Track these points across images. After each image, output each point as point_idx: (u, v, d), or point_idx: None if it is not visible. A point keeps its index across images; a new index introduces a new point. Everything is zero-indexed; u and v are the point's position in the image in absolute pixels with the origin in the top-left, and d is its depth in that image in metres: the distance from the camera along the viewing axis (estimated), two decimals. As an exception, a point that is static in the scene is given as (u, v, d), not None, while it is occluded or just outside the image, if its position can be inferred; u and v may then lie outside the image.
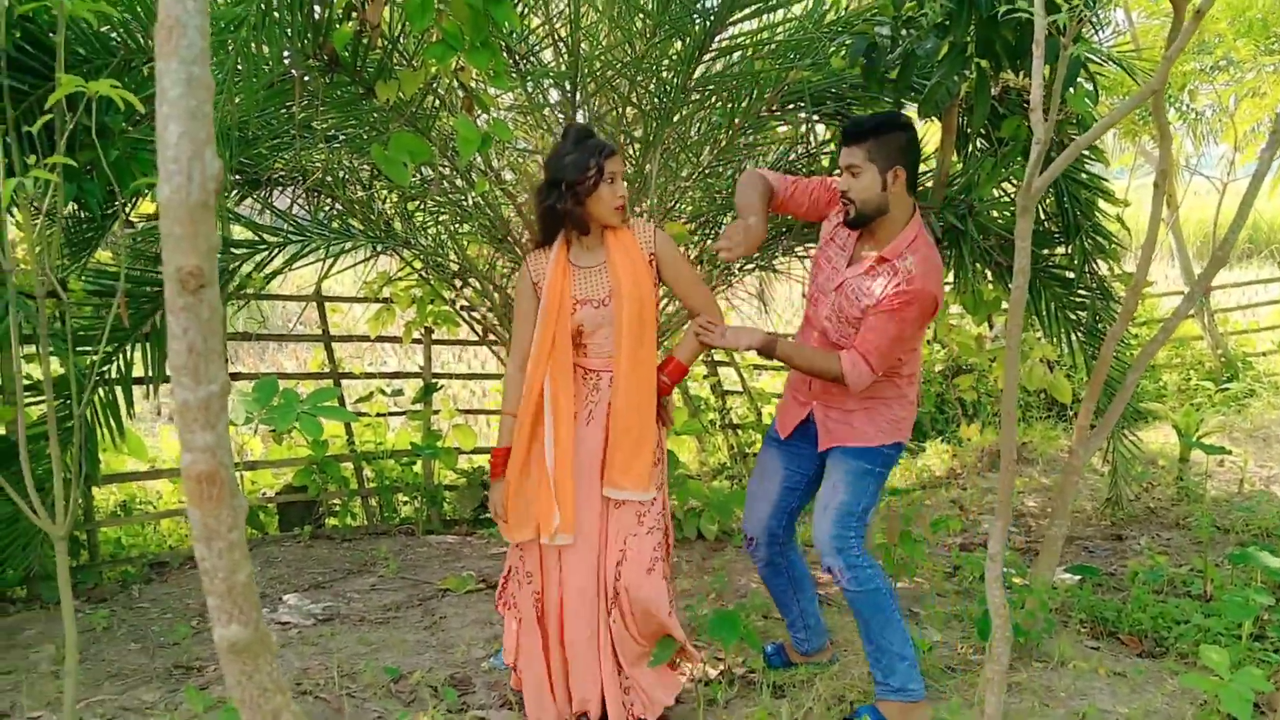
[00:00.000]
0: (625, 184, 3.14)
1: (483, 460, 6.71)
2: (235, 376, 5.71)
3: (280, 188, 5.33)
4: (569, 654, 3.18)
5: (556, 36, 4.52)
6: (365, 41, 3.81)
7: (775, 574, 3.52)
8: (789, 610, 3.60)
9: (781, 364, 3.57)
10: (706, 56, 4.39)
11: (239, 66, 3.43)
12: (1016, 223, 2.10)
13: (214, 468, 1.00)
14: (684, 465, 6.09)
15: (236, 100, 3.51)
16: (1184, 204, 10.61)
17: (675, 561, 5.09)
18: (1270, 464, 7.02)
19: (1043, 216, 5.14)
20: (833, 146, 5.13)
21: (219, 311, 0.97)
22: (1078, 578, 4.55)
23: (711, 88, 4.54)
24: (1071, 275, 5.08)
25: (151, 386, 4.77)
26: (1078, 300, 5.18)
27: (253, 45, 3.49)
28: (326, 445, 5.78)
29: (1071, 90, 4.17)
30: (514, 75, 4.46)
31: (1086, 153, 5.20)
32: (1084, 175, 5.08)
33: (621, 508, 3.17)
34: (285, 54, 3.83)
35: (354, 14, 3.68)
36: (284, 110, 4.33)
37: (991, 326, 6.51)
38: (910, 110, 5.06)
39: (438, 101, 4.35)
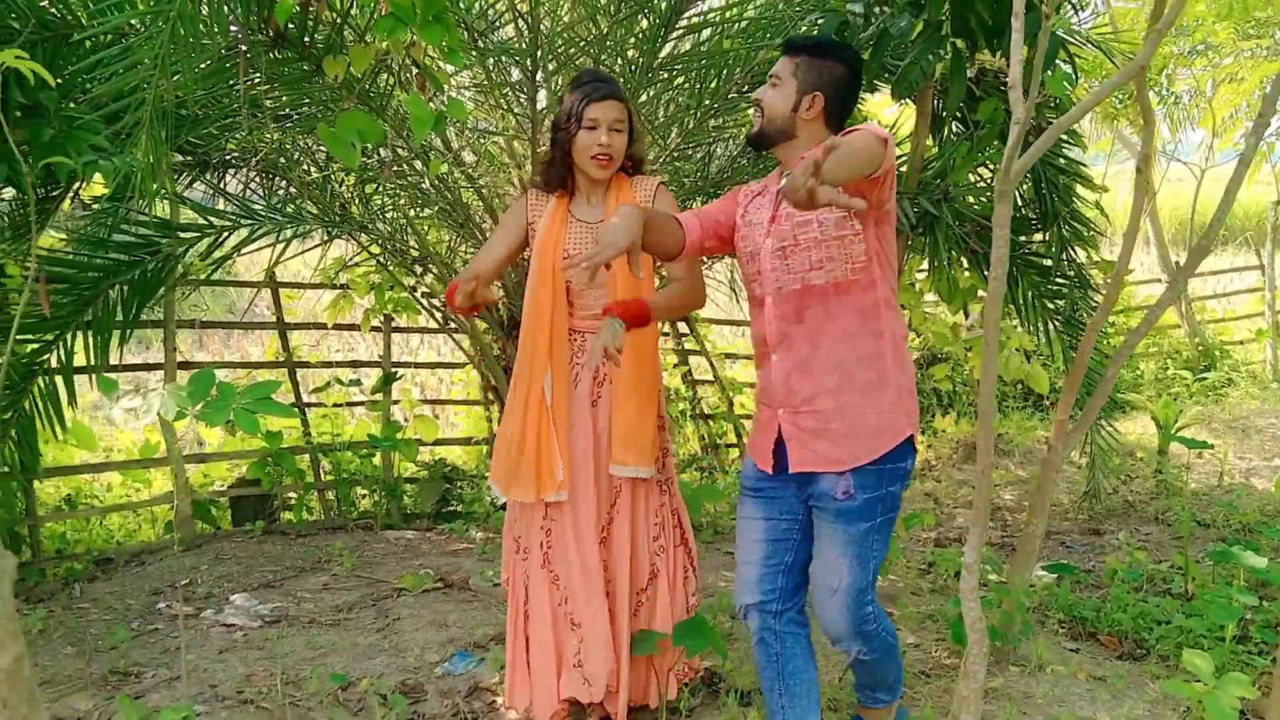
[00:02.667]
0: (620, 134, 2.90)
1: (444, 452, 6.53)
2: (192, 365, 5.50)
3: (232, 170, 5.12)
4: (584, 632, 3.02)
5: (516, 11, 4.32)
6: (312, 15, 3.62)
7: (766, 658, 2.80)
8: (772, 715, 2.83)
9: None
10: (673, 35, 4.21)
11: (174, 41, 3.22)
12: (994, 209, 1.94)
13: None
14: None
15: (175, 77, 3.31)
16: (1161, 190, 10.50)
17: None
18: (1249, 456, 6.92)
19: (1020, 203, 5.00)
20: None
21: None
22: (1055, 576, 4.42)
23: (679, 67, 4.37)
24: (1049, 263, 4.95)
25: (94, 375, 4.57)
26: (1055, 288, 5.05)
27: (190, 18, 3.29)
28: (281, 437, 5.58)
29: (1050, 72, 4.02)
30: (471, 52, 4.27)
31: (1064, 137, 5.06)
32: (1062, 160, 4.95)
33: (627, 486, 3.04)
34: (231, 28, 3.64)
35: (298, -15, 3.48)
36: (233, 88, 4.13)
37: (967, 315, 6.35)
38: (884, 93, 4.93)
39: (391, 79, 4.15)
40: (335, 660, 3.66)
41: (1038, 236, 5.07)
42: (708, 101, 4.43)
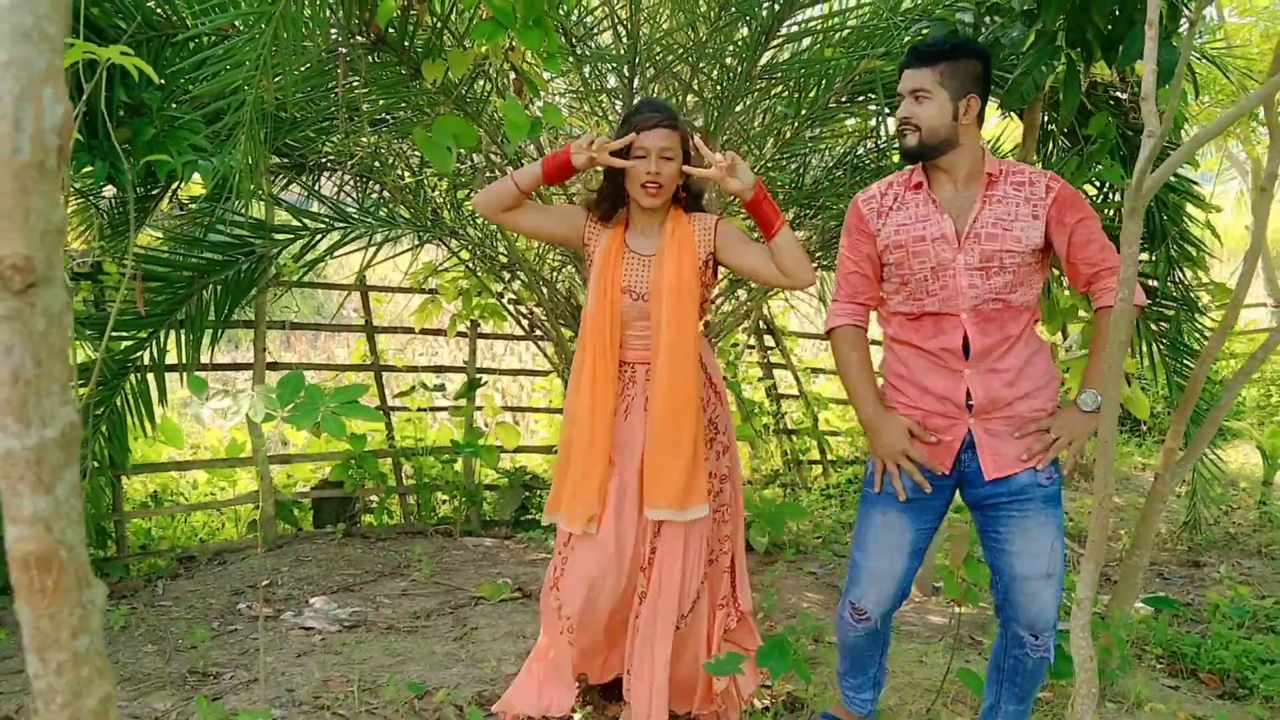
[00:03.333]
0: (669, 162, 2.85)
1: (525, 459, 6.50)
2: (280, 366, 5.54)
3: (326, 173, 5.14)
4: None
5: (615, 18, 4.27)
6: (413, 18, 3.60)
7: (873, 642, 2.95)
8: (864, 671, 3.03)
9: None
10: (773, 43, 4.13)
11: (276, 43, 3.21)
12: (1124, 226, 1.83)
13: (49, 547, 0.74)
14: (736, 472, 5.83)
15: (276, 79, 3.31)
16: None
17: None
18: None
19: (1120, 220, 4.83)
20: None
21: (62, 321, 0.72)
22: (1153, 609, 4.24)
23: (778, 76, 4.28)
24: (1155, 283, 4.76)
25: (185, 373, 4.61)
26: (1161, 310, 4.86)
27: (293, 20, 3.29)
28: (365, 440, 5.59)
29: (1167, 85, 3.85)
30: (569, 58, 4.23)
31: (1171, 153, 4.89)
32: (1173, 178, 4.77)
33: (665, 528, 2.98)
34: (332, 30, 3.64)
35: (400, -12, 3.46)
36: (330, 91, 4.13)
37: (1065, 336, 6.17)
38: (990, 105, 4.80)
39: (488, 85, 4.13)
40: (412, 668, 3.62)
41: (1144, 256, 4.89)
42: (805, 111, 4.34)
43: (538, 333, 5.64)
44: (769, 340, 6.78)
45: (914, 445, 2.68)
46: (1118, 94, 4.66)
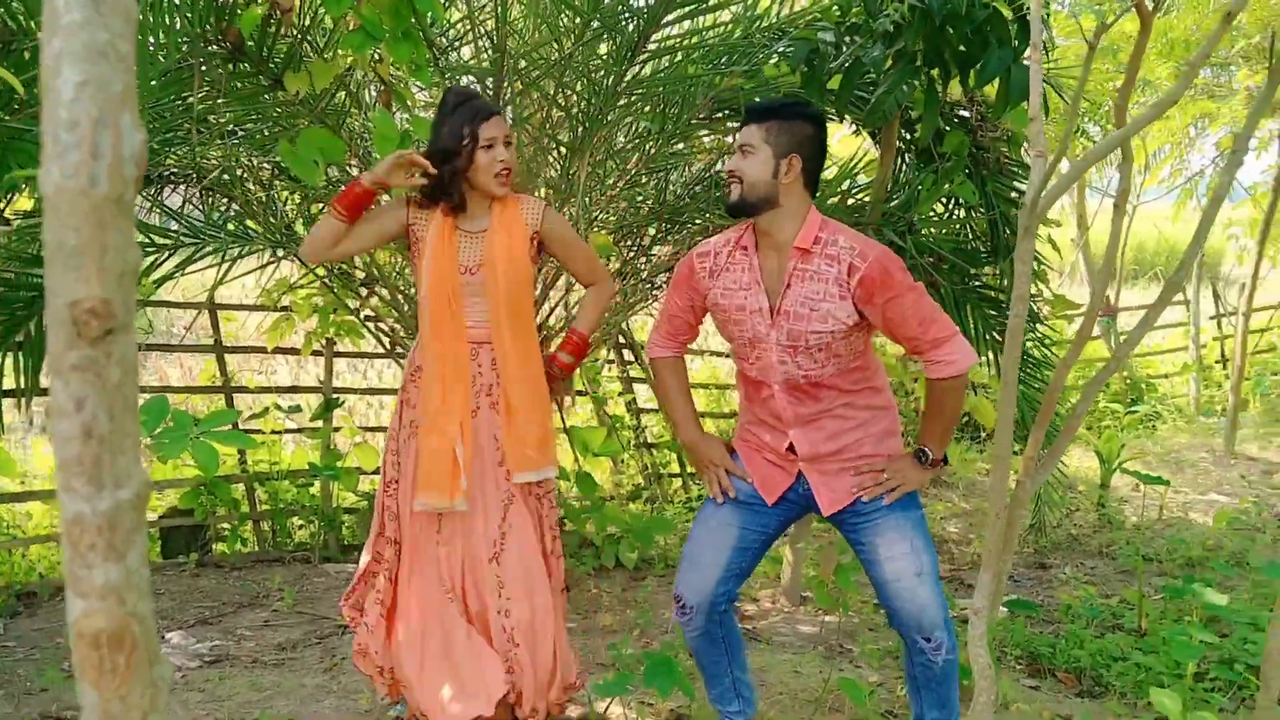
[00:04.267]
0: (512, 148, 2.91)
1: (385, 480, 6.34)
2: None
3: (172, 185, 4.92)
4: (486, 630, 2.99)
5: (480, 31, 4.21)
6: (275, 28, 3.48)
7: (711, 644, 2.96)
8: (720, 681, 3.05)
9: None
10: (639, 58, 4.13)
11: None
12: (1018, 244, 1.89)
13: (121, 622, 0.66)
14: (600, 488, 5.81)
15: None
16: (1094, 227, 10.69)
17: (595, 594, 4.81)
18: (1184, 489, 7.01)
19: (971, 236, 5.01)
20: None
21: (135, 371, 0.65)
22: (1009, 611, 4.39)
23: (641, 91, 4.29)
24: (1000, 296, 4.94)
25: (24, 399, 4.35)
26: (1005, 322, 5.03)
27: (143, 28, 3.14)
28: (216, 464, 5.35)
29: (1016, 106, 4.01)
30: (434, 71, 4.15)
31: (1016, 170, 5.09)
32: (1014, 194, 4.96)
33: (520, 496, 3.03)
34: (183, 39, 3.48)
35: (262, -4, 3.34)
36: (179, 101, 3.95)
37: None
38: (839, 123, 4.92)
39: (349, 97, 4.02)
40: (282, 703, 3.48)
41: (988, 269, 5.07)
42: (669, 127, 4.36)
43: (398, 350, 5.50)
44: (629, 354, 6.78)
45: (735, 465, 2.86)
46: (963, 113, 4.83)
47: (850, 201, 4.69)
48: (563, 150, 4.34)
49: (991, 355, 5.09)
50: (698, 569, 2.85)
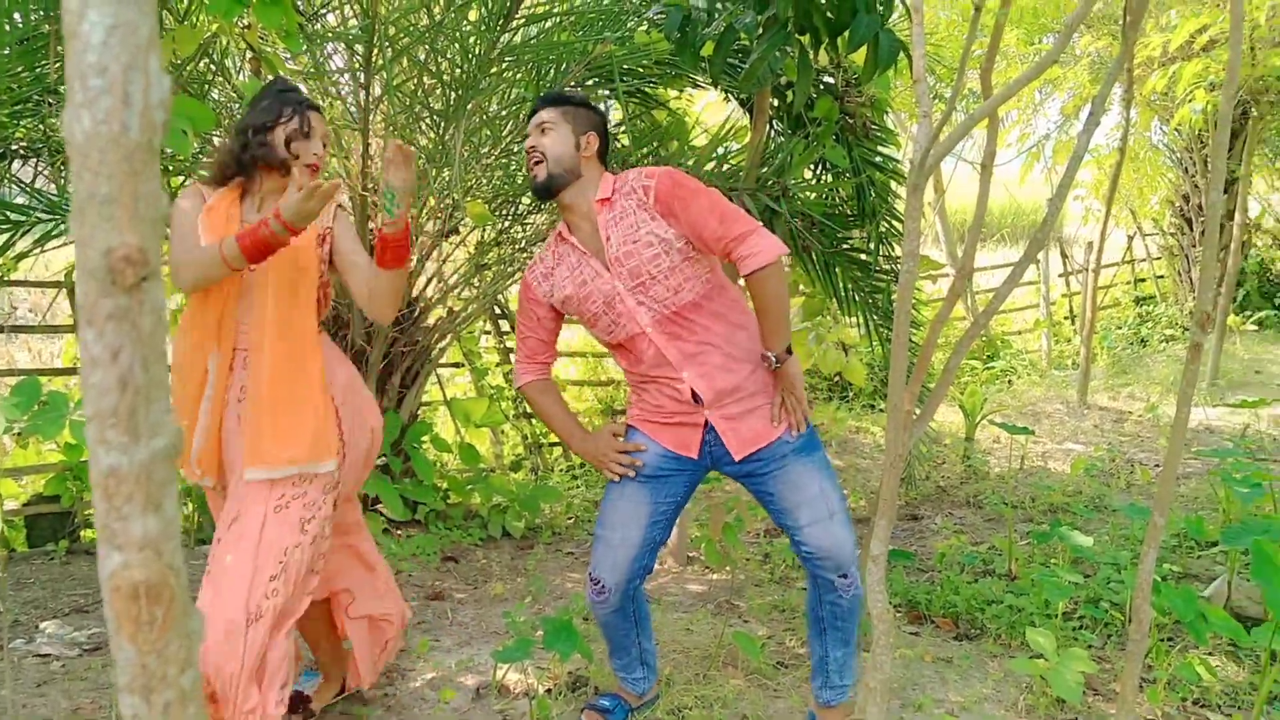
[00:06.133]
0: (326, 150, 2.76)
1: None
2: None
3: (22, 159, 4.71)
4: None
5: (350, -4, 4.13)
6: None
7: (623, 619, 3.03)
8: (627, 652, 3.12)
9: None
10: (512, 24, 4.11)
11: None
12: (906, 202, 1.95)
13: (160, 574, 0.65)
14: (484, 459, 5.79)
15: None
16: (947, 189, 11.03)
17: (484, 564, 4.81)
18: (1042, 439, 7.32)
19: (839, 199, 5.13)
20: (628, 126, 4.96)
21: (164, 319, 0.64)
22: (888, 561, 4.55)
23: (513, 58, 4.26)
24: (867, 258, 5.08)
25: None
26: (874, 283, 5.18)
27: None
28: (82, 449, 5.17)
29: (885, 71, 4.11)
30: (303, 38, 4.06)
31: (880, 135, 5.23)
32: (879, 158, 5.10)
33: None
34: (36, 6, 3.34)
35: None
36: (30, 72, 3.79)
37: (786, 310, 6.48)
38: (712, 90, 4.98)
39: (212, 64, 3.91)
40: (169, 686, 3.40)
41: (856, 232, 5.21)
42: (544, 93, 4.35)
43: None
44: (504, 325, 6.76)
45: (629, 444, 2.91)
46: (828, 79, 4.94)
47: (725, 168, 4.75)
48: (435, 118, 4.29)
49: (861, 317, 5.24)
50: (612, 549, 2.90)
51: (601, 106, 4.88)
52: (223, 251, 2.46)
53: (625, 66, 4.57)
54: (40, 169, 4.74)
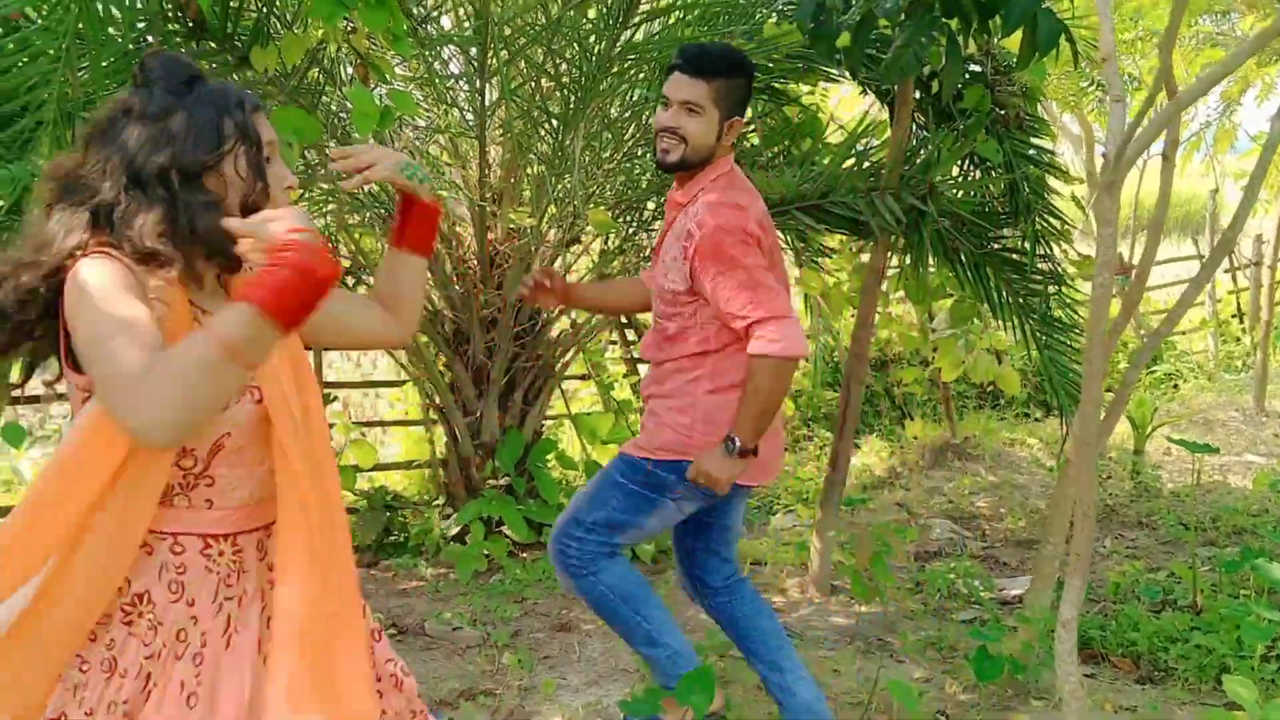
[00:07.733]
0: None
1: (385, 478, 6.07)
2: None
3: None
4: None
5: (461, -5, 3.94)
6: (239, 2, 3.21)
7: (729, 625, 2.99)
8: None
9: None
10: (633, 20, 3.86)
11: (79, 34, 2.81)
12: (1098, 201, 1.63)
13: None
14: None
15: (80, 73, 2.89)
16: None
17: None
18: (1219, 451, 6.75)
19: (990, 196, 4.74)
20: (760, 124, 4.65)
21: None
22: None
23: (635, 57, 4.02)
24: (1021, 258, 4.67)
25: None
26: (1030, 286, 4.77)
27: (99, 6, 2.89)
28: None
29: (1045, 57, 3.73)
30: (413, 41, 3.88)
31: (1034, 126, 4.82)
32: (1031, 150, 4.69)
33: None
34: (140, 18, 3.21)
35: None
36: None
37: (931, 317, 6.10)
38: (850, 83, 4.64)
39: (322, 73, 3.75)
40: None
41: (1010, 231, 4.81)
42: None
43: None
44: (630, 335, 6.53)
45: None
46: (975, 67, 4.55)
47: (864, 165, 4.40)
48: (554, 123, 4.08)
49: (1017, 320, 4.83)
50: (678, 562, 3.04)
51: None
52: (224, 334, 1.35)
53: (754, 61, 4.28)
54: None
